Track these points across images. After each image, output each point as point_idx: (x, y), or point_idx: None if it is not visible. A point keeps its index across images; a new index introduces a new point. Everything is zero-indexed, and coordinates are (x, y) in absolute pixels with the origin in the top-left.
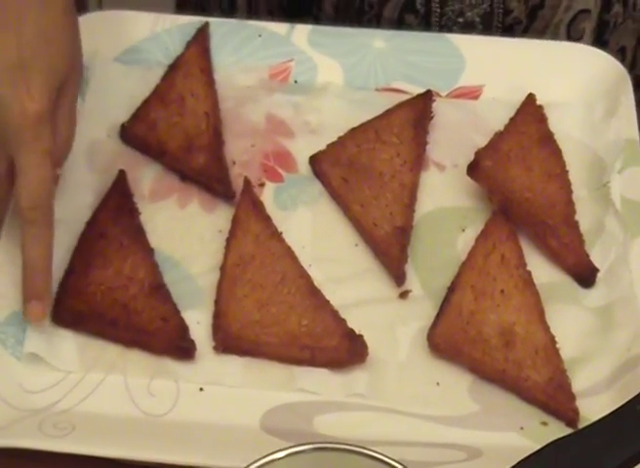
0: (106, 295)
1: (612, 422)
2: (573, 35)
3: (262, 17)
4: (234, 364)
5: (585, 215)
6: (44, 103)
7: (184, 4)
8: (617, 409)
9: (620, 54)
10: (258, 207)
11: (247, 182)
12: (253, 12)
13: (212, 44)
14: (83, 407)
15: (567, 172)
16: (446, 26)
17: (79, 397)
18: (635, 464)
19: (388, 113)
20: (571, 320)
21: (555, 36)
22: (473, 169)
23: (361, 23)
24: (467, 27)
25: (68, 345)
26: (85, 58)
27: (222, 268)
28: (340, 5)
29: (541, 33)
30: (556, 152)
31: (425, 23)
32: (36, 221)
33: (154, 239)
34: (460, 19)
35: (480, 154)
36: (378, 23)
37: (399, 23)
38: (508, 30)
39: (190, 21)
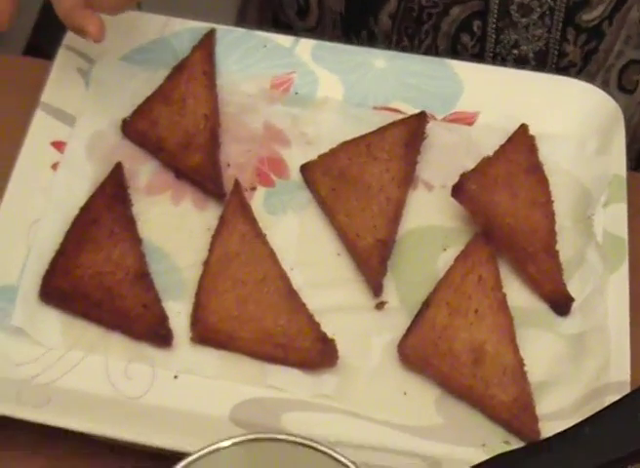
0: (93, 278)
1: (559, 443)
2: (625, 85)
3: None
4: (209, 355)
5: (567, 246)
6: None
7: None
8: (566, 430)
9: None
10: (245, 208)
11: (237, 184)
12: (319, 28)
13: (218, 51)
14: (61, 382)
15: (552, 201)
16: (500, 55)
17: (59, 373)
18: None
19: (382, 130)
20: (543, 345)
21: (606, 81)
22: (457, 190)
23: (419, 34)
24: (521, 61)
25: (53, 323)
26: (92, 53)
27: (206, 263)
28: (398, 15)
29: (594, 76)
30: (543, 181)
31: (480, 48)
32: None
33: (146, 230)
34: (515, 51)
35: (465, 177)
36: (434, 36)
37: (455, 40)
38: (562, 71)
39: (199, 27)
